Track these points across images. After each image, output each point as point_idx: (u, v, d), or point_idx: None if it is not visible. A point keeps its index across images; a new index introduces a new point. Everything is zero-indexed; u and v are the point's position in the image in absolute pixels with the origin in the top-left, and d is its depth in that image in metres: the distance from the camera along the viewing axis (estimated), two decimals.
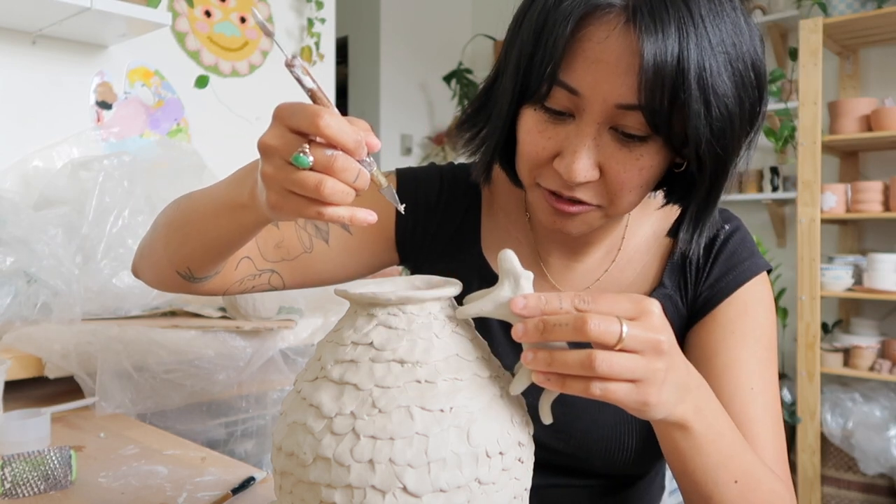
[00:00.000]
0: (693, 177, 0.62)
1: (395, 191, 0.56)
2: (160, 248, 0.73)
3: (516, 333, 0.47)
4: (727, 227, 0.75)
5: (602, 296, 0.46)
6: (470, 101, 0.72)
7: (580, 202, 0.62)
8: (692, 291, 0.74)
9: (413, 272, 0.83)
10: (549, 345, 0.48)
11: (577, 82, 0.57)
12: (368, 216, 0.51)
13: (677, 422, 0.52)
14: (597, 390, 0.45)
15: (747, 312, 0.72)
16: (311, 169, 0.48)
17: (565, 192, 0.62)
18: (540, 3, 0.58)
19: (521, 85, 0.60)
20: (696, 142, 0.56)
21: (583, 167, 0.59)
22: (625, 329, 0.45)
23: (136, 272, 0.82)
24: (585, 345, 0.46)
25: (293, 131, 0.48)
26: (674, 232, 0.69)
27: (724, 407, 0.64)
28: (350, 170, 0.48)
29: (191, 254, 0.70)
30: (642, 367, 0.46)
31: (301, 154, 0.47)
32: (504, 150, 0.68)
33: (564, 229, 0.66)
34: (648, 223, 0.78)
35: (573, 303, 0.46)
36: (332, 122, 0.47)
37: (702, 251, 0.74)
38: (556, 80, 0.57)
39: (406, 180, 0.82)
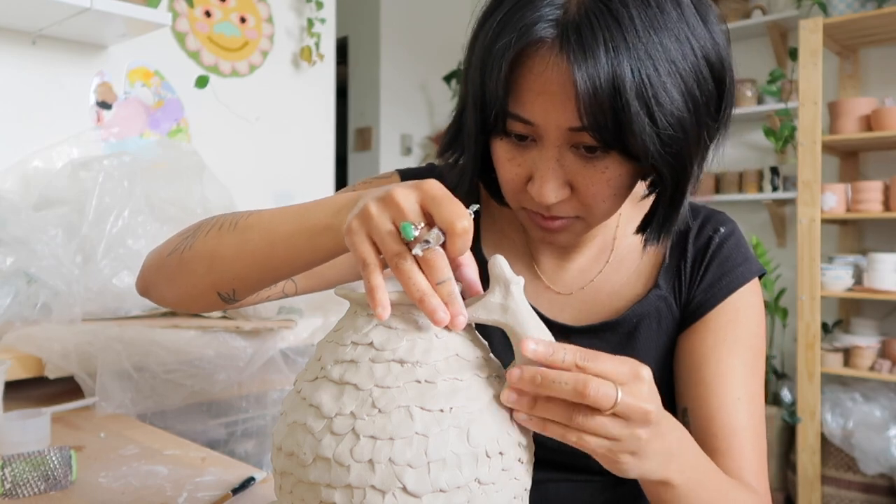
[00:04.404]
0: None
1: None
2: (201, 272, 0.71)
3: (511, 378, 0.48)
4: (722, 230, 0.76)
5: (602, 356, 0.48)
6: (445, 130, 0.73)
7: (561, 217, 0.65)
8: (686, 294, 0.75)
9: None
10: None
11: (528, 113, 0.59)
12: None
13: (659, 480, 0.54)
14: (573, 437, 0.48)
15: (739, 320, 0.73)
16: (406, 243, 0.48)
17: (545, 213, 0.65)
18: (480, 41, 0.61)
19: (480, 120, 0.63)
20: (646, 154, 0.57)
21: (551, 189, 0.61)
22: (619, 396, 0.46)
23: (147, 291, 0.79)
24: None
25: (423, 207, 0.49)
26: (641, 229, 0.70)
27: (711, 415, 0.68)
28: (439, 273, 0.48)
29: (246, 274, 0.68)
30: (625, 433, 0.48)
31: (413, 228, 0.48)
32: (487, 177, 0.70)
33: (554, 242, 0.69)
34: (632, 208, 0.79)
35: (576, 360, 0.47)
36: (466, 227, 0.48)
37: (697, 253, 0.75)
38: (509, 114, 0.60)
39: (407, 180, 0.82)
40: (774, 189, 3.15)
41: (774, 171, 3.16)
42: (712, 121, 0.62)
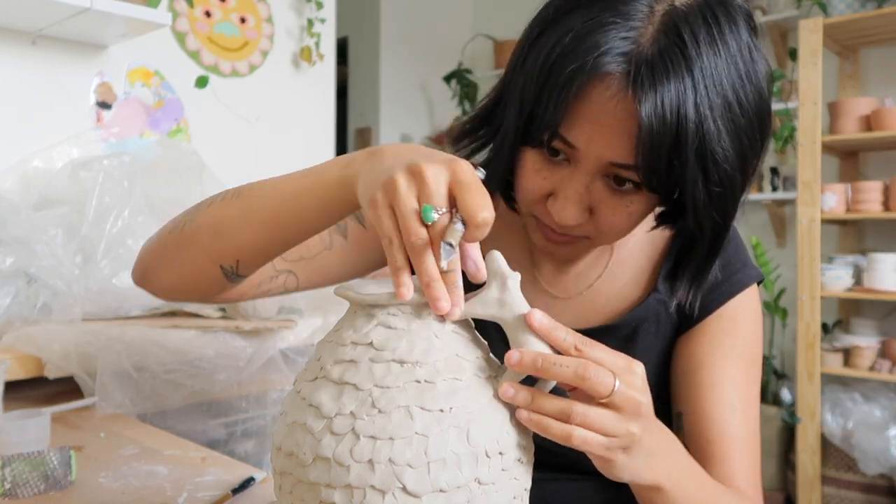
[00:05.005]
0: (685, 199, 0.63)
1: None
2: (203, 244, 0.68)
3: (510, 360, 0.48)
4: None
5: (598, 345, 0.49)
6: (470, 116, 0.72)
7: (570, 235, 0.65)
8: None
9: None
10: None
11: (575, 139, 0.58)
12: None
13: (650, 485, 0.54)
14: (577, 439, 0.48)
15: (736, 326, 0.73)
16: (425, 225, 0.47)
17: (556, 228, 0.64)
18: (544, 51, 0.58)
19: (523, 130, 0.61)
20: (694, 208, 0.58)
21: (573, 213, 0.61)
22: (617, 384, 0.47)
23: (144, 277, 0.76)
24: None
25: (450, 190, 0.48)
26: (670, 277, 0.71)
27: (706, 422, 0.68)
28: (452, 262, 0.48)
29: (250, 245, 0.65)
30: (619, 427, 0.48)
31: (435, 212, 0.47)
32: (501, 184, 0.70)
33: (555, 255, 0.70)
34: (642, 225, 0.78)
35: (575, 341, 0.48)
36: (488, 218, 0.47)
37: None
38: (557, 136, 0.59)
39: None
40: (774, 189, 3.15)
41: (774, 171, 3.16)
42: (754, 162, 0.61)
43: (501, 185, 0.69)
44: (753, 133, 0.58)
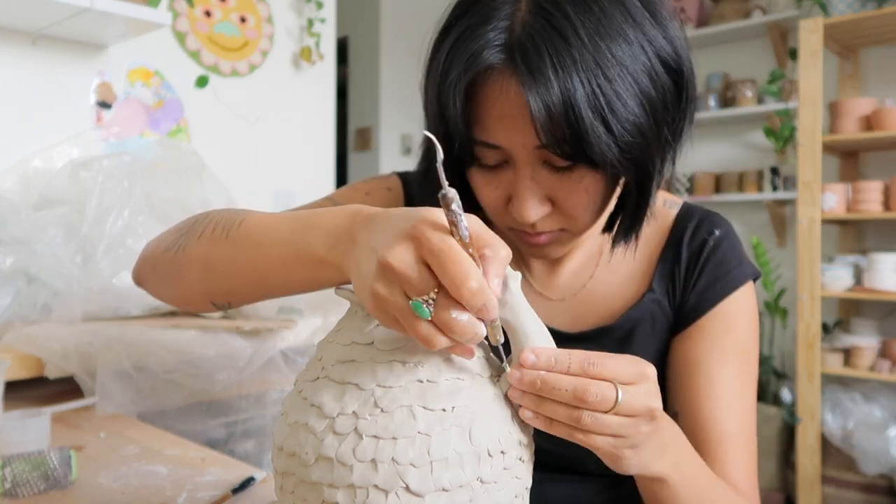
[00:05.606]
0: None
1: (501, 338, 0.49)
2: (194, 278, 0.65)
3: (512, 380, 0.48)
4: (717, 232, 0.75)
5: (610, 358, 0.48)
6: (418, 163, 0.74)
7: (546, 232, 0.65)
8: (680, 297, 0.75)
9: None
10: None
11: (494, 138, 0.60)
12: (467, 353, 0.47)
13: (655, 476, 0.55)
14: (579, 436, 0.48)
15: (732, 326, 0.73)
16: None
17: (529, 230, 0.65)
18: (432, 75, 0.61)
19: (449, 152, 0.61)
20: (604, 162, 0.57)
21: (531, 207, 0.61)
22: (620, 396, 0.47)
23: (141, 283, 0.75)
24: None
25: (427, 267, 0.42)
26: (607, 228, 0.70)
27: (702, 422, 0.69)
28: (467, 333, 0.43)
29: (240, 291, 0.63)
30: (628, 429, 0.48)
31: (424, 306, 0.42)
32: (471, 204, 0.69)
33: (545, 256, 0.70)
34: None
35: (582, 366, 0.47)
36: (475, 289, 0.41)
37: (691, 257, 0.75)
38: (475, 142, 0.60)
39: (412, 186, 0.84)
40: (774, 189, 3.15)
41: (774, 171, 3.16)
42: (672, 118, 0.62)
43: (471, 210, 0.68)
44: (659, 80, 0.58)
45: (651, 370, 0.50)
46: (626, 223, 0.67)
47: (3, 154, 1.69)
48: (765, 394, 2.96)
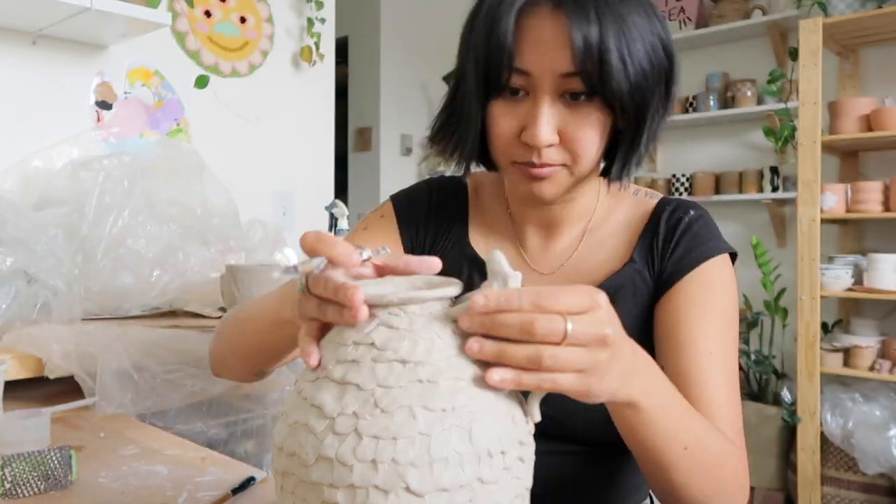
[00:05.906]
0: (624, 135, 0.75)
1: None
2: (233, 362, 0.86)
3: (463, 324, 0.49)
4: (693, 212, 0.82)
5: (560, 291, 0.49)
6: (436, 116, 0.81)
7: (550, 165, 0.73)
8: (658, 266, 0.81)
9: None
10: None
11: (527, 64, 0.70)
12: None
13: (625, 402, 0.56)
14: (548, 384, 0.49)
15: (708, 287, 0.78)
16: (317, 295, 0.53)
17: (536, 160, 0.72)
18: (483, 10, 0.72)
19: (483, 82, 0.72)
20: (619, 92, 0.68)
21: (544, 132, 0.70)
22: (569, 327, 0.47)
23: (219, 375, 0.92)
24: None
25: (311, 254, 0.55)
26: (605, 172, 0.79)
27: (683, 373, 0.72)
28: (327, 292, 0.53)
29: (258, 361, 0.83)
30: (586, 359, 0.49)
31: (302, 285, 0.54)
32: (477, 145, 0.78)
33: (541, 194, 0.75)
34: (621, 210, 0.85)
35: (533, 303, 0.48)
36: (317, 235, 0.54)
37: (668, 231, 0.81)
38: (512, 68, 0.70)
39: (402, 204, 0.91)
40: (774, 189, 3.15)
41: (774, 171, 3.17)
42: (664, 88, 0.73)
43: (475, 152, 0.78)
44: (657, 47, 0.71)
45: (603, 297, 0.50)
46: (622, 160, 0.76)
47: (3, 154, 1.69)
48: (765, 394, 2.96)
